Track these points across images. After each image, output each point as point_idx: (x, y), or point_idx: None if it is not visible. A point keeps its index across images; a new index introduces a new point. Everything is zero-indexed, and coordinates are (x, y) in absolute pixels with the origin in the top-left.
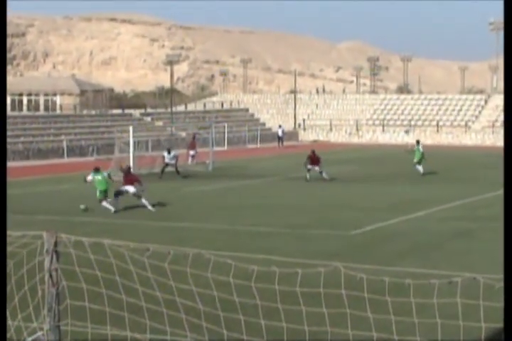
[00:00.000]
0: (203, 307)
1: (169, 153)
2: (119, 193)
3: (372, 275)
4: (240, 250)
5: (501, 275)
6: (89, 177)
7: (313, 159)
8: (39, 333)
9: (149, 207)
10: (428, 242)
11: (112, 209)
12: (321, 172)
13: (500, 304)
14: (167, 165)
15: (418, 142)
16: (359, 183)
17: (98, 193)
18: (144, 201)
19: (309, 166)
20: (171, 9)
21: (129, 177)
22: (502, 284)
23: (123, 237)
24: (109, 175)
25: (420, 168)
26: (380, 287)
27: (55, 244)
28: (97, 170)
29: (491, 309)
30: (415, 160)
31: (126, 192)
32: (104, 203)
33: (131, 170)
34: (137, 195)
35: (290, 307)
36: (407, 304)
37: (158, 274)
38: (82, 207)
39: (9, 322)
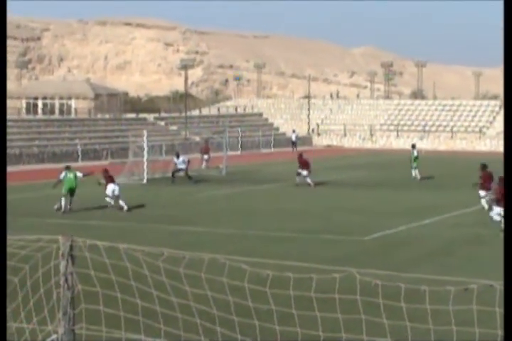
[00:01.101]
0: (217, 312)
1: (178, 157)
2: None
3: (386, 281)
4: (252, 255)
5: None
6: (62, 175)
7: (301, 162)
8: (53, 336)
9: (125, 207)
10: (441, 248)
11: (62, 209)
12: (305, 177)
13: None
14: (178, 170)
15: (414, 146)
16: (372, 188)
17: (63, 190)
18: (121, 202)
19: (298, 170)
20: (186, 14)
21: (110, 177)
22: None
23: (136, 241)
24: (79, 175)
25: (415, 172)
26: (394, 293)
27: (71, 248)
28: (68, 168)
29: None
30: (414, 164)
31: (113, 193)
32: (62, 200)
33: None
34: (118, 196)
35: (304, 312)
36: (421, 310)
37: (172, 278)
38: (55, 207)
39: (24, 325)
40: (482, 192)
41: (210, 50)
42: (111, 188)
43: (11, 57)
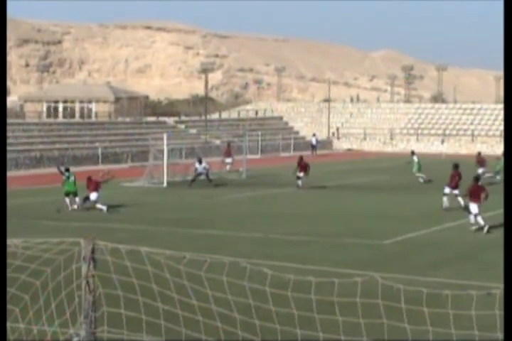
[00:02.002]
0: (238, 315)
1: (200, 163)
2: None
3: (407, 285)
4: (272, 258)
5: None
6: (64, 177)
7: (301, 165)
8: (75, 339)
9: (103, 209)
10: (462, 252)
11: (69, 208)
12: (298, 178)
13: None
14: (200, 174)
15: (413, 153)
16: (392, 192)
17: (64, 192)
18: (99, 206)
19: (298, 173)
20: (206, 17)
21: (94, 184)
22: None
23: (156, 244)
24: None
25: (420, 175)
26: (415, 297)
27: (93, 251)
28: (67, 171)
29: None
30: (414, 170)
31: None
32: (66, 199)
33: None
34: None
35: (325, 316)
36: (443, 314)
37: (193, 282)
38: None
39: (46, 327)
40: (447, 190)
41: (230, 54)
42: (95, 195)
43: (33, 61)
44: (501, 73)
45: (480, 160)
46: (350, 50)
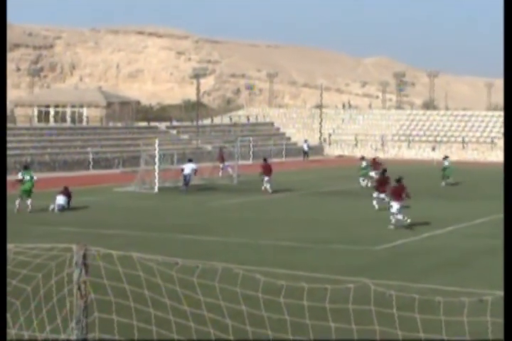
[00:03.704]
0: (231, 322)
1: (190, 162)
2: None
3: (399, 292)
4: (264, 264)
5: None
6: (20, 176)
7: (265, 168)
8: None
9: (53, 208)
10: (454, 259)
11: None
12: (267, 181)
13: None
14: (187, 176)
15: (364, 157)
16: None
17: (21, 192)
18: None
19: (262, 176)
20: (198, 22)
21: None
22: None
23: (149, 250)
24: (35, 178)
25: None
26: (407, 303)
27: (84, 257)
28: (26, 169)
29: None
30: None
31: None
32: (17, 201)
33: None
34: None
35: (317, 322)
36: (435, 321)
37: (185, 288)
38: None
39: (37, 333)
40: (375, 194)
41: (222, 59)
42: (60, 198)
43: (24, 65)
44: (492, 80)
45: (375, 163)
46: (342, 56)
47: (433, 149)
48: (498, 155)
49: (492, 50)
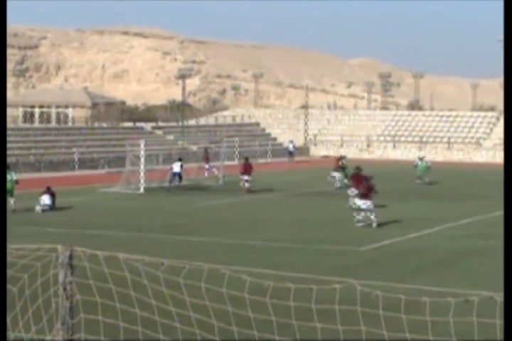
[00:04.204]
0: (216, 322)
1: (179, 160)
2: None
3: (385, 292)
4: (251, 265)
5: None
6: None
7: (246, 167)
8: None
9: (38, 209)
10: (440, 260)
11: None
12: (246, 181)
13: None
14: (175, 175)
15: (343, 157)
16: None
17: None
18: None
19: (241, 176)
20: (184, 23)
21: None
22: None
23: (135, 250)
24: (14, 178)
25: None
26: (393, 304)
27: (70, 257)
28: (7, 169)
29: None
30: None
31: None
32: None
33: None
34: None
35: (303, 323)
36: (421, 321)
37: (171, 288)
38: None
39: (23, 334)
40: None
41: (207, 60)
42: (46, 198)
43: (9, 66)
44: (478, 81)
45: (337, 164)
46: (328, 57)
47: (419, 150)
48: (483, 156)
49: (477, 50)
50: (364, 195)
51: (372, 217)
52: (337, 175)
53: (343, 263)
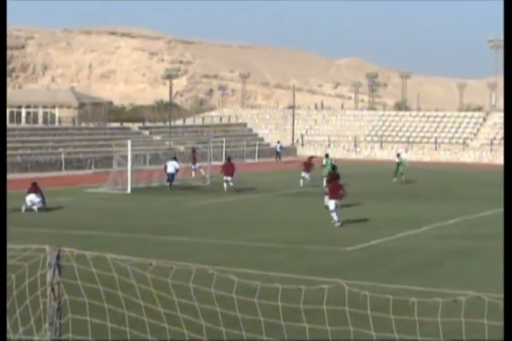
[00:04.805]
0: (204, 323)
1: (174, 159)
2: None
3: (373, 292)
4: (239, 265)
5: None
6: None
7: (227, 167)
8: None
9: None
10: (427, 260)
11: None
12: (226, 181)
13: (499, 323)
14: (170, 175)
15: (327, 155)
16: (355, 199)
17: None
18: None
19: (224, 177)
20: (171, 23)
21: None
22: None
23: (123, 251)
24: None
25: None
26: (381, 304)
27: (58, 258)
28: None
29: (493, 328)
30: (324, 173)
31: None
32: None
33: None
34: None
35: (291, 323)
36: (409, 321)
37: (159, 289)
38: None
39: (10, 335)
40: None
41: (194, 60)
42: (29, 198)
43: None
44: (464, 81)
45: (307, 164)
46: (315, 57)
47: (406, 151)
48: (470, 156)
49: (464, 51)
50: (333, 195)
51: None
52: (306, 175)
53: (331, 263)
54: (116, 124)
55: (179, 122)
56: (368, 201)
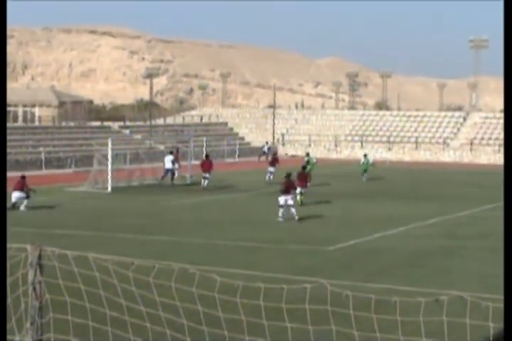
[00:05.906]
0: (186, 322)
1: (171, 153)
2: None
3: (355, 292)
4: (220, 265)
5: (486, 295)
6: None
7: (205, 165)
8: None
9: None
10: (408, 259)
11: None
12: (205, 178)
13: (481, 322)
14: (169, 171)
15: (308, 154)
16: (335, 199)
17: None
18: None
19: (203, 174)
20: (151, 22)
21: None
22: (487, 303)
23: (104, 250)
24: None
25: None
26: (363, 304)
27: (39, 257)
28: None
29: (474, 327)
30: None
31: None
32: None
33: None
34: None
35: (274, 322)
36: (390, 321)
37: (141, 288)
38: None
39: None
40: (297, 189)
41: (175, 59)
42: (15, 195)
43: None
44: (445, 81)
45: (273, 159)
46: (295, 56)
47: (389, 150)
48: (450, 156)
49: (444, 51)
50: (285, 191)
51: (292, 210)
52: (272, 170)
53: (311, 263)
54: (97, 123)
55: (160, 121)
56: (347, 200)
